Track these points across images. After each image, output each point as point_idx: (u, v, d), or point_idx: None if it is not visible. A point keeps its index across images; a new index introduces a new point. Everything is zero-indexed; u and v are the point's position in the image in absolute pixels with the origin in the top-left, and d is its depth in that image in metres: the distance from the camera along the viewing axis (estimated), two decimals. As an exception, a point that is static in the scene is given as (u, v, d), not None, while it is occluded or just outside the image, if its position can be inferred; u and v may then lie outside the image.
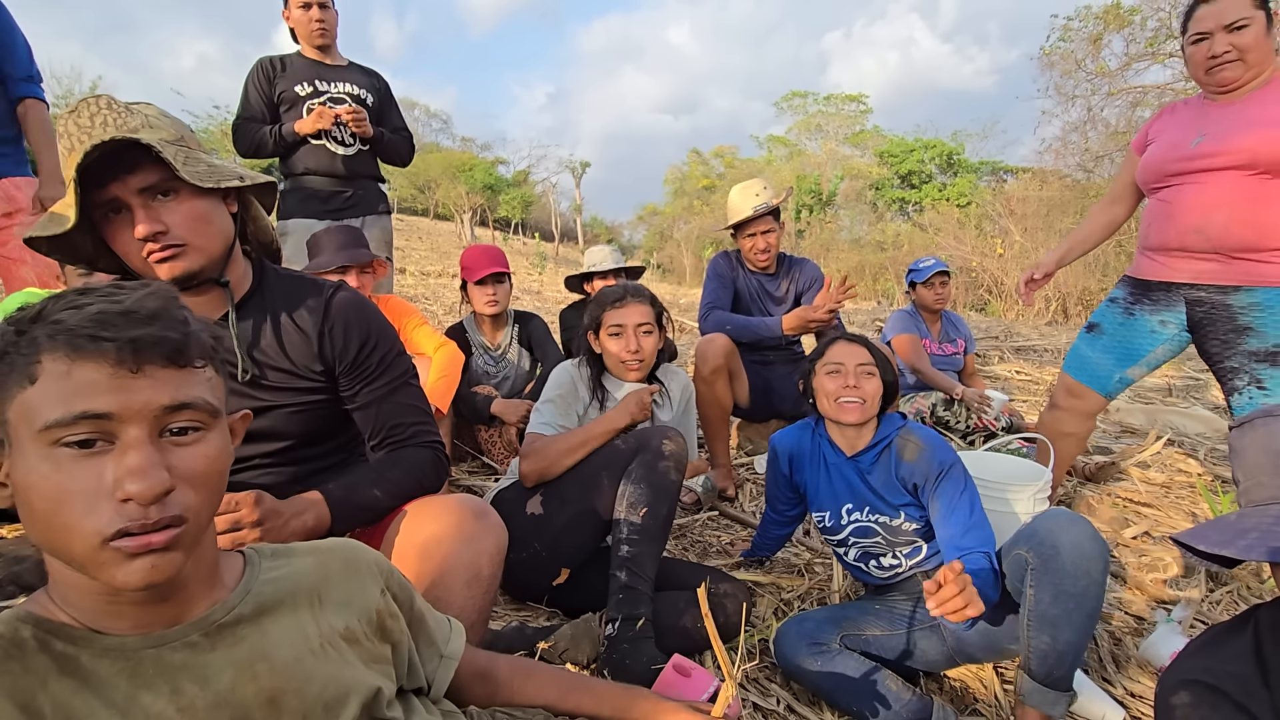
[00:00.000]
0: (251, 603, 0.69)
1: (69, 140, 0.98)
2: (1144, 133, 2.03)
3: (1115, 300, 2.07)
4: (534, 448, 1.70)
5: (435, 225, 29.33)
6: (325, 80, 2.78)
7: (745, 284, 2.79)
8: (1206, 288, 1.84)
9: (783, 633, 1.50)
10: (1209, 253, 1.81)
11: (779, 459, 1.71)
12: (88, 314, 0.57)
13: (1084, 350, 2.11)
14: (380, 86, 2.94)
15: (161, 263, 1.02)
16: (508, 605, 1.78)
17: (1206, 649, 0.90)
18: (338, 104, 2.76)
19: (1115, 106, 12.35)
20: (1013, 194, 15.67)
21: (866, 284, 17.60)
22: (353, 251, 2.34)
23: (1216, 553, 0.79)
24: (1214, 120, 1.80)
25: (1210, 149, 1.78)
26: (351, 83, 2.83)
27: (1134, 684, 1.56)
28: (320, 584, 0.74)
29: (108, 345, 0.56)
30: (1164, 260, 1.92)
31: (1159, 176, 1.90)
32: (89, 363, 0.56)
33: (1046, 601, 1.24)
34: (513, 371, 2.82)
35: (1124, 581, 2.00)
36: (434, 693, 0.87)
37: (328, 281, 1.24)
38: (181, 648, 0.63)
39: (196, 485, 0.61)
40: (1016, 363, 4.99)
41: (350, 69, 2.88)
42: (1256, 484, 0.80)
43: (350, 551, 0.80)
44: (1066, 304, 11.98)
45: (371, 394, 1.22)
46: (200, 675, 0.63)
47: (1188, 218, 1.83)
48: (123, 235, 1.01)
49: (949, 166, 27.25)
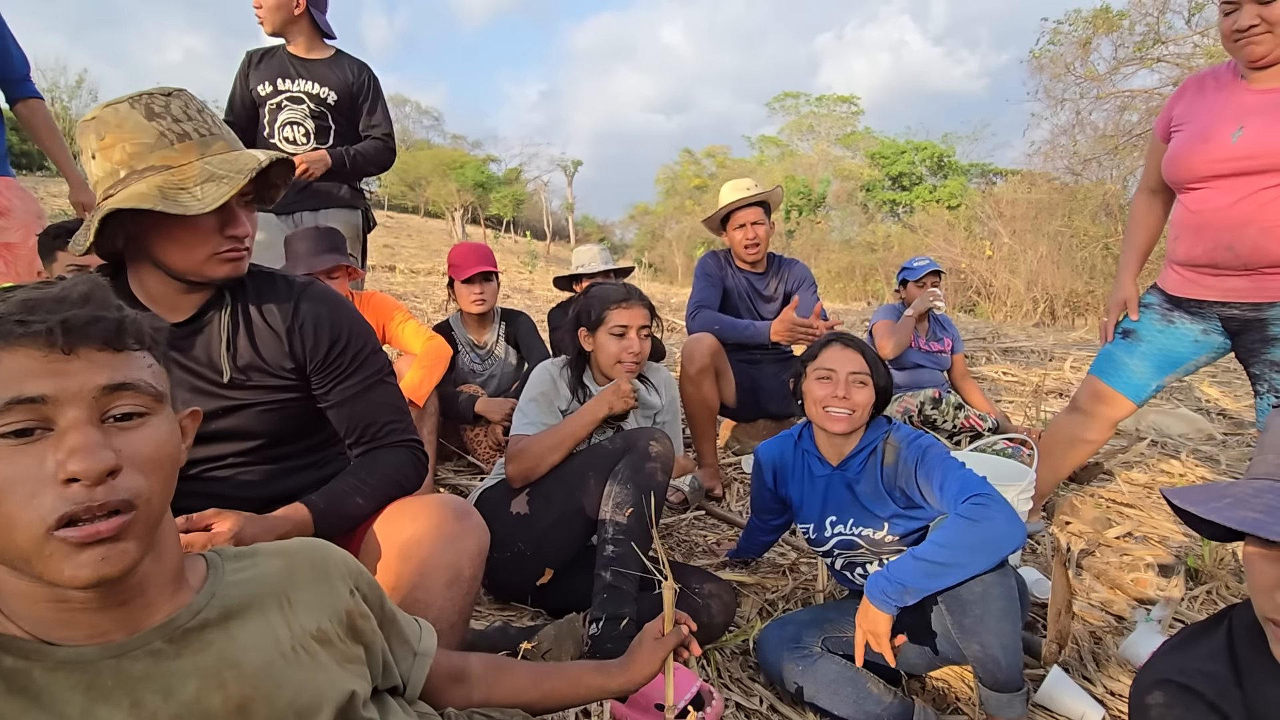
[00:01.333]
0: (217, 606, 0.67)
1: (170, 125, 1.01)
2: (1167, 116, 1.87)
3: (1150, 306, 1.97)
4: (518, 448, 1.69)
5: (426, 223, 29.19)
6: (287, 78, 2.57)
7: (734, 282, 2.79)
8: (1239, 305, 1.76)
9: (765, 636, 1.50)
10: (1240, 270, 1.72)
11: (763, 472, 1.70)
12: (13, 302, 0.55)
13: (1120, 356, 2.00)
14: (354, 82, 2.67)
15: (232, 261, 1.09)
16: (491, 605, 1.77)
17: (1180, 649, 0.91)
18: (295, 104, 2.58)
19: (1103, 110, 12.47)
20: (1002, 196, 15.77)
21: (856, 285, 17.67)
22: (316, 259, 2.31)
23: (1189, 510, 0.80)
24: (1253, 110, 1.65)
25: (1251, 149, 1.63)
26: (315, 80, 2.59)
27: (1114, 683, 1.57)
28: (288, 585, 0.73)
29: (38, 327, 0.54)
30: (1194, 277, 1.83)
31: (1191, 176, 1.76)
32: (18, 349, 0.54)
33: (956, 614, 1.27)
34: (499, 369, 2.81)
35: (1106, 581, 2.01)
36: (409, 692, 0.86)
37: (299, 278, 1.23)
38: (143, 656, 0.61)
39: (145, 470, 0.59)
40: (1004, 364, 5.02)
41: (322, 63, 2.64)
42: (1263, 460, 0.82)
43: (318, 551, 0.78)
44: (1054, 305, 12.09)
45: (344, 392, 1.21)
46: (163, 686, 0.60)
47: (1219, 234, 1.72)
48: (185, 230, 1.03)
49: (939, 168, 27.41)
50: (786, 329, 2.40)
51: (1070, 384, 4.39)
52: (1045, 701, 1.47)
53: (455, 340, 2.78)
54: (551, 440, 1.67)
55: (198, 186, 0.99)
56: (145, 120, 1.00)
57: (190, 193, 0.98)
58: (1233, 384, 4.22)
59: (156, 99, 1.02)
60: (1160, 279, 1.97)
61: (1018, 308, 12.18)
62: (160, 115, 1.01)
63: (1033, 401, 3.74)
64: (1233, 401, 3.88)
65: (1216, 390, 4.08)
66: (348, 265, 2.37)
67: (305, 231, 2.43)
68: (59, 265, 1.93)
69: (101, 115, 1.00)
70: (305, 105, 2.59)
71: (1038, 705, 1.47)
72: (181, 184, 0.99)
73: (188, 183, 0.99)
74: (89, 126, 1.01)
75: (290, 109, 2.59)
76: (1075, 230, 12.90)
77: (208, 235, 1.05)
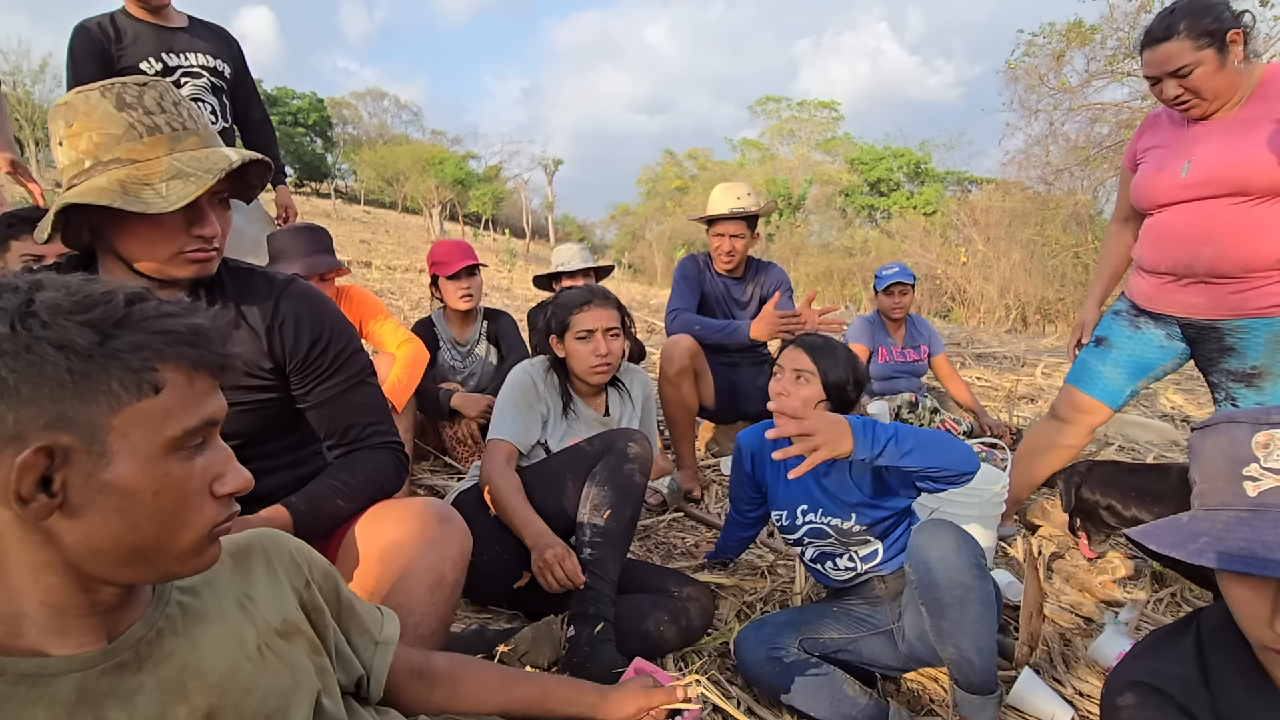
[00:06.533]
0: (172, 614, 0.65)
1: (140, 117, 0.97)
2: (1132, 149, 1.98)
3: (1120, 313, 2.04)
4: (493, 483, 1.63)
5: (404, 219, 28.89)
6: (174, 52, 2.29)
7: (712, 286, 2.80)
8: (1197, 321, 1.85)
9: (742, 637, 1.51)
10: (1197, 284, 1.80)
11: (743, 456, 1.72)
12: (189, 324, 0.60)
13: (1093, 364, 2.06)
14: (235, 52, 2.47)
15: (199, 262, 1.05)
16: (468, 608, 1.75)
17: (1151, 651, 0.93)
18: (194, 79, 2.31)
19: (1075, 122, 12.74)
20: (977, 204, 16.07)
21: (834, 289, 17.87)
22: (314, 260, 2.27)
23: (1166, 554, 0.81)
24: (1199, 143, 1.74)
25: (1200, 178, 1.73)
26: (202, 51, 2.35)
27: (1082, 683, 1.61)
28: (245, 583, 0.71)
29: (214, 359, 0.61)
30: (1156, 285, 1.90)
31: (1151, 204, 1.87)
32: (204, 374, 0.61)
33: (934, 616, 1.29)
34: (479, 368, 2.79)
35: (1075, 584, 2.05)
36: (374, 684, 0.84)
37: (280, 275, 1.21)
38: (112, 670, 0.59)
39: None
40: (978, 369, 5.11)
41: (196, 30, 2.37)
42: (1212, 488, 0.82)
43: (270, 542, 0.77)
44: (1026, 312, 12.34)
45: (324, 393, 1.19)
46: (126, 701, 0.59)
47: (1177, 252, 1.80)
48: (148, 227, 0.99)
49: (916, 175, 27.83)
50: (768, 325, 2.40)
51: (1041, 389, 4.48)
52: (1016, 702, 1.49)
53: (437, 336, 2.75)
54: (511, 513, 1.58)
55: (163, 183, 0.96)
56: (115, 110, 0.97)
57: (154, 189, 0.95)
58: (1195, 391, 4.34)
59: (130, 88, 0.98)
60: (1128, 286, 2.05)
61: (991, 314, 12.42)
62: (131, 106, 0.98)
63: (1005, 406, 3.81)
64: (1196, 409, 3.99)
65: (1180, 397, 4.19)
66: (340, 266, 2.35)
67: (293, 229, 2.37)
68: (13, 255, 1.86)
69: (72, 101, 0.97)
70: (205, 79, 2.36)
71: (1009, 706, 1.50)
72: (146, 179, 0.96)
73: (152, 179, 0.96)
74: (59, 112, 0.98)
75: (190, 85, 2.34)
76: (1047, 239, 13.19)
77: (173, 234, 1.01)
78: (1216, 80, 1.64)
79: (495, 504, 1.62)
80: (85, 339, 0.53)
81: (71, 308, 0.54)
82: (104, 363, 0.54)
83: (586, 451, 1.62)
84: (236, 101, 2.54)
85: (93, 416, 0.54)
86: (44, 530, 0.55)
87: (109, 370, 0.54)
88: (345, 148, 42.29)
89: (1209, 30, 1.61)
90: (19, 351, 0.52)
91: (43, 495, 0.53)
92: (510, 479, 1.63)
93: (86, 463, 0.54)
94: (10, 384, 0.51)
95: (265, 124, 2.69)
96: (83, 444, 0.54)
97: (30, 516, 0.53)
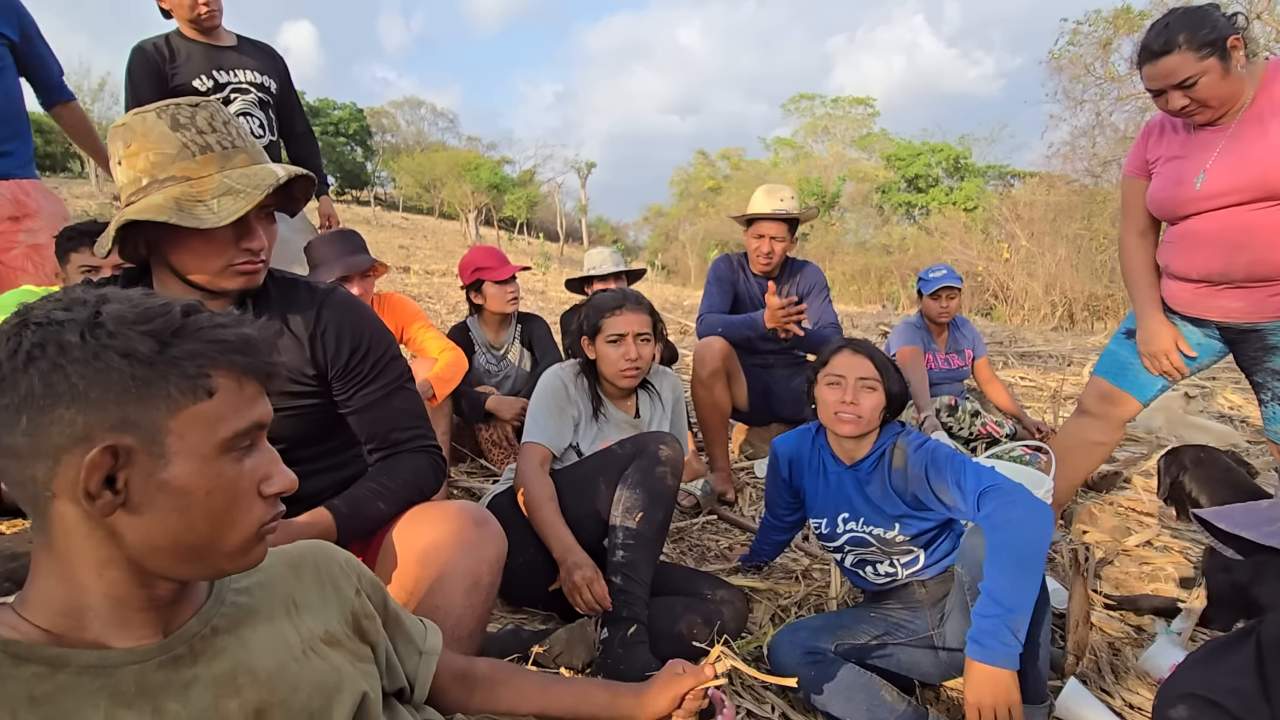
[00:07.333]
0: (227, 613, 0.68)
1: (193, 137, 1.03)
2: (1140, 157, 1.92)
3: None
4: (527, 489, 1.64)
5: (440, 224, 29.42)
6: (224, 69, 2.44)
7: (746, 287, 2.78)
8: (1238, 324, 1.79)
9: (777, 641, 1.49)
10: (1235, 289, 1.75)
11: (779, 463, 1.70)
12: (239, 334, 0.63)
13: (1123, 356, 2.00)
14: (281, 69, 2.61)
15: (247, 274, 1.10)
16: (503, 608, 1.78)
17: (1206, 663, 0.89)
18: (243, 95, 2.46)
19: (1124, 111, 12.33)
20: (1020, 199, 15.63)
21: (871, 288, 17.57)
22: (353, 259, 2.34)
23: (1238, 534, 0.77)
24: (1211, 151, 1.71)
25: (1216, 188, 1.70)
26: (251, 69, 2.49)
27: (1133, 695, 1.55)
28: (294, 589, 0.74)
29: (262, 367, 0.64)
30: (1191, 291, 1.84)
31: (1173, 216, 1.83)
32: (253, 380, 0.64)
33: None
34: (513, 371, 2.83)
35: (1125, 591, 1.98)
36: (417, 693, 0.86)
37: (321, 284, 1.24)
38: (169, 663, 0.63)
39: None
40: (1021, 369, 4.97)
41: (245, 49, 2.51)
42: None
43: (321, 553, 0.80)
44: (1073, 309, 11.94)
45: (365, 398, 1.22)
46: (181, 693, 0.62)
47: (1211, 260, 1.75)
48: (201, 241, 1.04)
49: (956, 170, 27.21)
50: (771, 314, 2.42)
51: (1089, 389, 4.33)
52: (1062, 713, 1.45)
53: (472, 340, 2.81)
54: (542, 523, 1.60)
55: (214, 199, 1.01)
56: (170, 130, 1.02)
57: (206, 205, 1.00)
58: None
59: (183, 109, 1.04)
60: (1161, 288, 1.96)
61: (1035, 311, 12.06)
62: (185, 126, 1.03)
63: (1050, 407, 3.69)
64: (1254, 409, 3.80)
65: (1239, 397, 4.01)
66: (378, 264, 2.41)
67: (326, 236, 2.45)
68: (73, 267, 1.97)
69: (130, 123, 1.03)
70: (253, 95, 2.51)
71: (1054, 717, 1.45)
72: (199, 196, 1.01)
73: (205, 195, 1.01)
74: (118, 133, 1.04)
75: (240, 101, 2.50)
76: (1095, 233, 12.75)
77: (223, 247, 1.06)
78: (1222, 88, 1.64)
79: (528, 512, 1.64)
80: (147, 347, 0.57)
81: (134, 319, 0.58)
82: (163, 369, 0.58)
83: (618, 454, 1.63)
84: (282, 115, 2.67)
85: (153, 419, 0.58)
86: (108, 527, 0.58)
87: (168, 376, 0.58)
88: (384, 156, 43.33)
89: (1209, 40, 1.60)
90: (88, 359, 0.56)
91: (108, 492, 0.57)
92: (544, 487, 1.65)
93: (147, 463, 0.58)
94: (80, 389, 0.55)
95: (309, 136, 2.81)
96: (144, 445, 0.57)
97: (97, 512, 0.57)
